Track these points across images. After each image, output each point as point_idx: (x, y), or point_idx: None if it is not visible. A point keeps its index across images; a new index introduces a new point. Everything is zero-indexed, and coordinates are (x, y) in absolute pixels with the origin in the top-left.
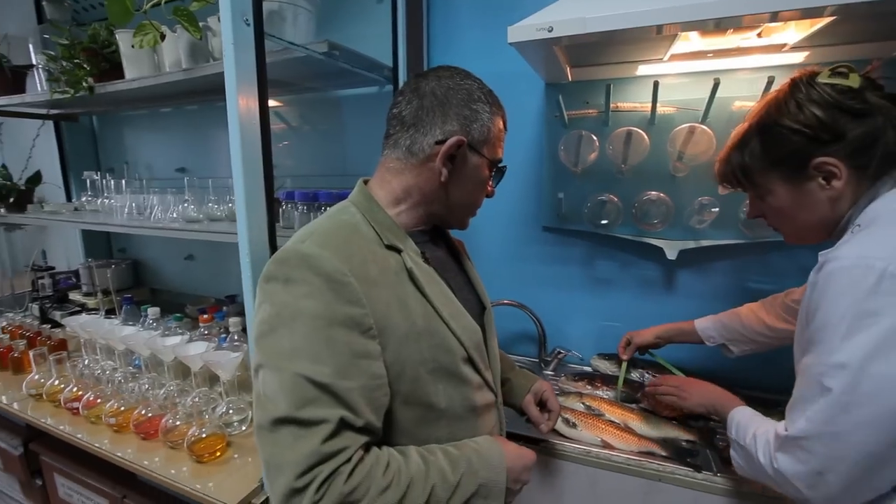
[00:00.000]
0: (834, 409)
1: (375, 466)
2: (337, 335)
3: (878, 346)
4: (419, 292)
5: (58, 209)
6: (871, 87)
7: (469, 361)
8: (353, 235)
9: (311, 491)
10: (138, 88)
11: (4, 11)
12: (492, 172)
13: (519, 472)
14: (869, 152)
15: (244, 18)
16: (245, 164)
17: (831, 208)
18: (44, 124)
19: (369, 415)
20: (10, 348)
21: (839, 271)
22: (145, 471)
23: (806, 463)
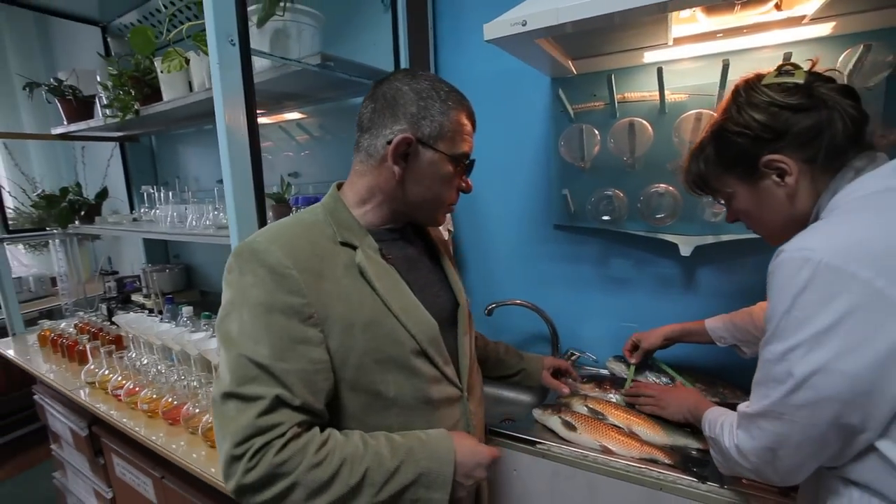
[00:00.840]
0: (779, 392)
1: (310, 444)
2: (276, 321)
3: (814, 336)
4: (368, 286)
5: (119, 220)
6: (818, 80)
7: (422, 354)
8: (307, 232)
9: (245, 459)
10: (173, 109)
11: (81, 47)
12: (458, 167)
13: (471, 468)
14: (814, 144)
15: (229, 39)
16: (234, 174)
17: (792, 204)
18: (115, 146)
19: (307, 395)
20: (76, 342)
21: (781, 263)
22: (171, 454)
23: (759, 439)
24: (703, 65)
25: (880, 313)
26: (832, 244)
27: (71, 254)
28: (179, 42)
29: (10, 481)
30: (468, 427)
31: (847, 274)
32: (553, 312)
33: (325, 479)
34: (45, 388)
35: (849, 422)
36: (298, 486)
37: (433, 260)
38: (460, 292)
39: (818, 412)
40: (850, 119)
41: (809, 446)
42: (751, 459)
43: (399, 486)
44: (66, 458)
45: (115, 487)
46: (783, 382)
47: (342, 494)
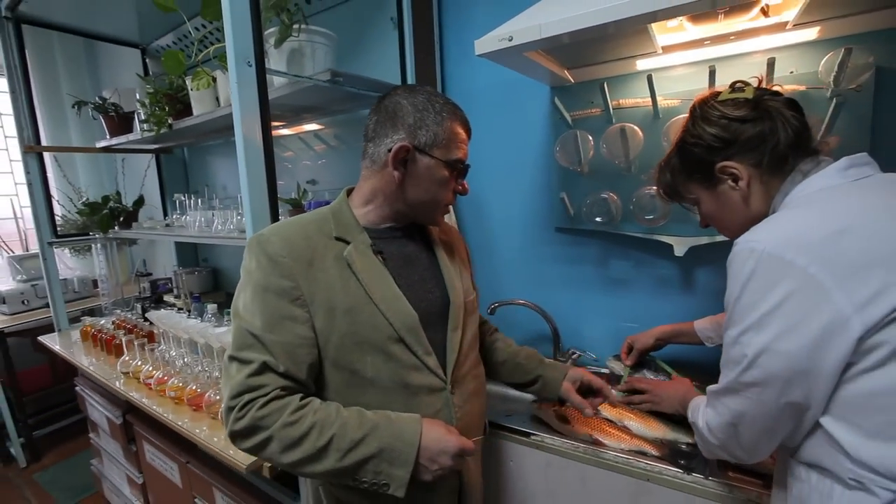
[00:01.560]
0: (735, 371)
1: (288, 406)
2: (270, 300)
3: (759, 319)
4: (354, 276)
5: (153, 225)
6: (766, 94)
7: (400, 341)
8: (305, 227)
9: (235, 410)
10: (202, 122)
11: (124, 67)
12: (453, 171)
13: (435, 454)
14: (759, 149)
15: (247, 61)
16: (250, 181)
17: (747, 205)
18: (151, 157)
19: (290, 364)
20: (113, 337)
21: (733, 254)
22: (195, 437)
23: (723, 415)
24: (693, 71)
25: (814, 297)
26: (774, 236)
27: (111, 257)
28: (207, 62)
29: (53, 468)
30: (450, 419)
31: (785, 262)
32: (555, 312)
33: (295, 437)
34: (86, 381)
35: (793, 399)
36: (273, 440)
37: (432, 258)
38: (455, 291)
39: (766, 389)
40: (791, 128)
41: (763, 421)
42: (717, 435)
43: (361, 456)
44: (102, 445)
45: (146, 473)
46: (739, 363)
47: (310, 454)
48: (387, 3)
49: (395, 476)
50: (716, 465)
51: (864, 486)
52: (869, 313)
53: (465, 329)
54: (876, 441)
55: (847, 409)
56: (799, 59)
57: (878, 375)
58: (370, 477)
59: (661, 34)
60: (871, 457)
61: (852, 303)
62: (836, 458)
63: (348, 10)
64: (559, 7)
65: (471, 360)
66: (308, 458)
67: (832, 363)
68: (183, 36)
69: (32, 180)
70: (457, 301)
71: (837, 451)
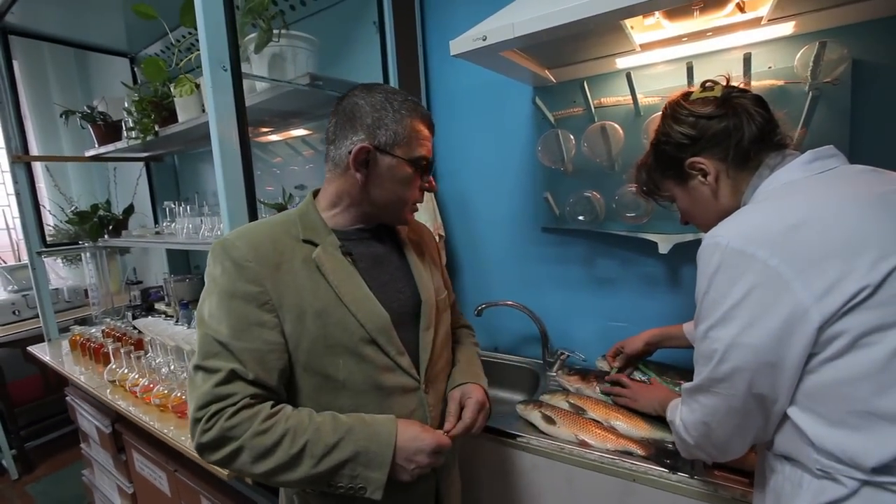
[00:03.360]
0: (707, 367)
1: (258, 414)
2: (236, 306)
3: (725, 313)
4: (323, 278)
5: (143, 233)
6: (734, 92)
7: (373, 342)
8: (272, 230)
9: (202, 422)
10: (187, 129)
11: (113, 76)
12: (416, 169)
13: (411, 453)
14: (724, 144)
15: (222, 66)
16: (227, 185)
17: (717, 199)
18: (143, 165)
19: (259, 371)
20: (102, 345)
21: (701, 250)
22: (180, 445)
23: (696, 412)
24: (673, 68)
25: (775, 289)
26: (737, 230)
27: (101, 266)
28: (192, 70)
29: (45, 479)
30: (425, 418)
31: (747, 255)
32: (543, 313)
33: (268, 446)
34: (76, 391)
35: (760, 391)
36: (244, 450)
37: (402, 258)
38: (427, 290)
39: (735, 383)
40: (755, 123)
41: (734, 417)
42: (691, 433)
43: (336, 461)
44: (93, 455)
45: (136, 482)
46: (710, 359)
47: (283, 462)
48: (369, 8)
49: (372, 479)
50: (701, 465)
51: (830, 475)
52: (827, 303)
53: (437, 328)
54: (839, 430)
55: (811, 400)
56: (776, 54)
57: (839, 365)
58: (346, 482)
59: (639, 32)
60: (834, 446)
61: (811, 293)
62: (804, 448)
63: (332, 16)
64: (533, 6)
65: (444, 359)
66: (281, 467)
67: (795, 354)
68: (170, 44)
69: (21, 190)
70: (428, 300)
71: (804, 442)
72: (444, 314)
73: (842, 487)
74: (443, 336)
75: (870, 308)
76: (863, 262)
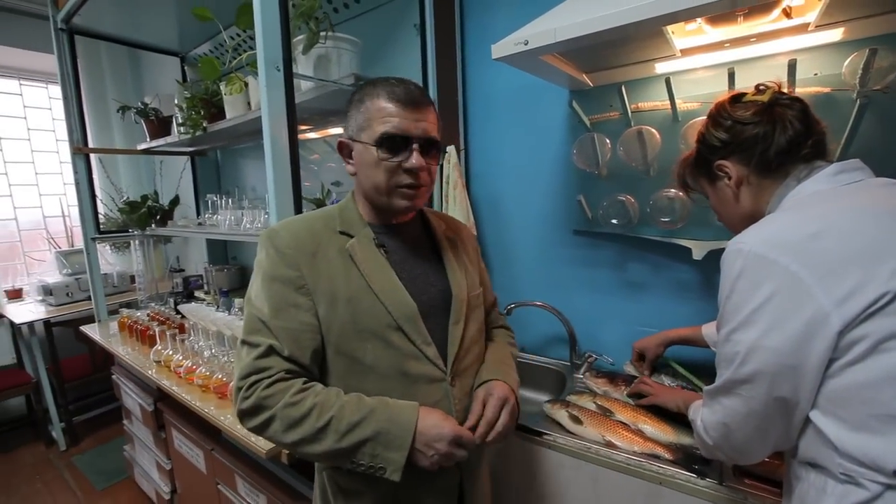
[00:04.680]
0: (729, 370)
1: (291, 387)
2: (276, 288)
3: (747, 317)
4: (356, 267)
5: (187, 224)
6: (782, 99)
7: (399, 330)
8: (312, 222)
9: (242, 391)
10: (234, 126)
11: (164, 74)
12: (381, 148)
13: (431, 439)
14: (749, 151)
15: (275, 66)
16: (276, 179)
17: (739, 203)
18: (187, 159)
19: (294, 349)
20: (148, 328)
21: (725, 255)
22: (220, 423)
23: (717, 413)
24: (713, 74)
25: (796, 294)
26: (760, 237)
27: (147, 253)
28: (240, 69)
29: (89, 452)
30: (449, 410)
31: (769, 261)
32: (571, 315)
33: (296, 418)
34: (121, 370)
35: (781, 394)
36: (276, 419)
37: (437, 254)
38: (458, 285)
39: (756, 386)
40: (786, 135)
41: (754, 419)
42: (711, 434)
43: (358, 438)
44: (135, 432)
45: (174, 459)
46: (732, 361)
47: (310, 434)
48: (411, 11)
49: (391, 459)
50: (731, 471)
51: (854, 479)
52: (847, 308)
53: (467, 323)
54: (861, 434)
55: (833, 404)
56: (823, 61)
57: (860, 369)
58: (367, 460)
59: (680, 37)
60: (856, 450)
61: (831, 299)
62: (827, 452)
63: (374, 18)
64: (574, 11)
65: (474, 355)
66: (308, 439)
67: (816, 358)
68: (219, 44)
69: (80, 179)
70: (459, 295)
71: (827, 446)
72: (476, 311)
73: (865, 491)
74: (473, 332)
75: (890, 314)
76: (883, 270)
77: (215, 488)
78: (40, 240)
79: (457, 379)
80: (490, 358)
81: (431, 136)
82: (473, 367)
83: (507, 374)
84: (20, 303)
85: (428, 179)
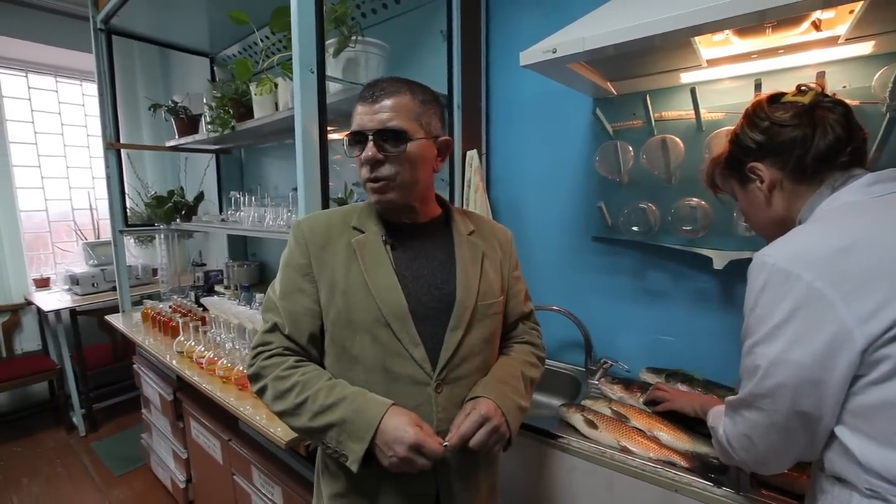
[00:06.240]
0: (752, 382)
1: (284, 363)
2: (289, 273)
3: (770, 330)
4: (357, 261)
5: (210, 219)
6: (824, 102)
7: (387, 326)
8: (330, 216)
9: (250, 357)
10: (261, 125)
11: (193, 74)
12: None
13: (390, 440)
14: (785, 155)
15: (310, 68)
16: (306, 177)
17: (770, 206)
18: (212, 157)
19: (293, 330)
20: (170, 319)
21: (750, 268)
22: (241, 413)
23: (739, 425)
24: (739, 84)
25: (819, 310)
26: (785, 251)
27: (171, 247)
28: (270, 70)
29: (108, 439)
30: (430, 417)
31: (793, 276)
32: (588, 321)
33: (281, 390)
34: (143, 359)
35: (804, 409)
36: (268, 389)
37: (453, 256)
38: (465, 290)
39: (778, 400)
40: (826, 140)
41: (776, 433)
42: (733, 445)
43: (326, 422)
44: (153, 421)
45: (190, 449)
46: (754, 374)
47: (290, 407)
48: (438, 17)
49: (352, 449)
50: (748, 481)
51: (880, 495)
52: (871, 327)
53: (469, 330)
54: (887, 450)
55: (858, 420)
56: (852, 74)
57: (886, 388)
58: (333, 444)
59: (707, 48)
60: (882, 466)
61: (855, 316)
62: (852, 468)
63: (402, 23)
64: (603, 21)
65: (473, 365)
66: (289, 412)
67: (839, 374)
68: (247, 46)
69: (111, 174)
70: (464, 301)
71: (852, 462)
72: (486, 320)
73: None
74: (476, 341)
75: None
76: None
77: (231, 479)
78: (68, 231)
79: (445, 386)
80: (493, 374)
81: (389, 125)
82: (472, 378)
83: (501, 394)
84: (47, 291)
85: (392, 172)
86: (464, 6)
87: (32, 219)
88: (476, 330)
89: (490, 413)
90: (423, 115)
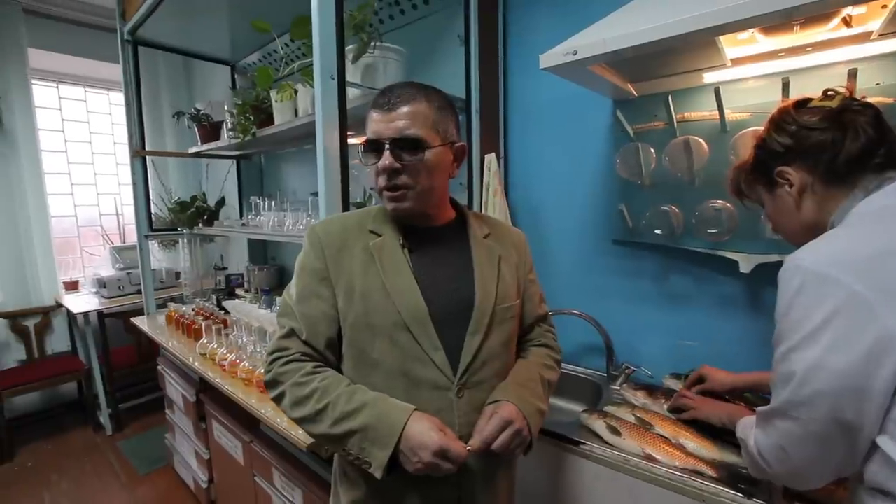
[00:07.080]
0: (787, 390)
1: (302, 368)
2: (304, 277)
3: (807, 336)
4: (375, 265)
5: (231, 224)
6: (853, 105)
7: (406, 330)
8: (346, 220)
9: (267, 364)
10: (281, 131)
11: (214, 82)
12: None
13: (415, 445)
14: (815, 159)
15: (330, 75)
16: (327, 181)
17: (801, 212)
18: (232, 163)
19: (310, 335)
20: (193, 322)
21: (782, 272)
22: (262, 415)
23: (772, 436)
24: (765, 83)
25: (860, 315)
26: (820, 254)
27: (194, 251)
28: (290, 77)
29: (133, 438)
30: (452, 422)
31: (831, 279)
32: (609, 325)
33: (300, 397)
34: (167, 361)
35: (844, 417)
36: (286, 395)
37: (469, 260)
38: (484, 294)
39: (816, 408)
40: (858, 143)
41: (813, 443)
42: (766, 457)
43: (348, 428)
44: (176, 421)
45: (212, 449)
46: (789, 381)
47: (310, 414)
48: (455, 22)
49: (376, 456)
50: (780, 494)
51: None
52: None
53: (488, 334)
54: None
55: None
56: (886, 70)
57: None
58: (355, 451)
59: (731, 47)
60: None
61: None
62: (894, 478)
63: (419, 28)
64: (624, 22)
65: (493, 369)
66: (309, 418)
67: (883, 381)
68: (267, 54)
69: (137, 180)
70: (482, 305)
71: (893, 472)
72: (505, 324)
73: None
74: (496, 345)
75: None
76: None
77: (252, 480)
78: (95, 236)
79: (466, 391)
80: (512, 378)
81: (406, 133)
82: (491, 382)
83: (521, 398)
84: (76, 294)
85: (410, 180)
86: (481, 11)
87: (62, 224)
88: (495, 334)
89: (512, 416)
90: (439, 122)
